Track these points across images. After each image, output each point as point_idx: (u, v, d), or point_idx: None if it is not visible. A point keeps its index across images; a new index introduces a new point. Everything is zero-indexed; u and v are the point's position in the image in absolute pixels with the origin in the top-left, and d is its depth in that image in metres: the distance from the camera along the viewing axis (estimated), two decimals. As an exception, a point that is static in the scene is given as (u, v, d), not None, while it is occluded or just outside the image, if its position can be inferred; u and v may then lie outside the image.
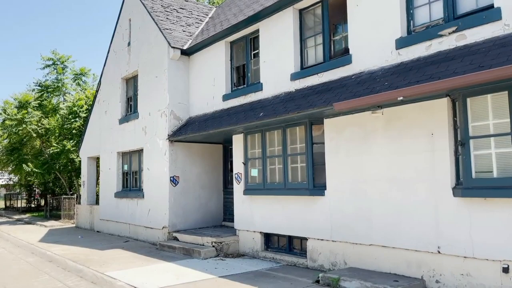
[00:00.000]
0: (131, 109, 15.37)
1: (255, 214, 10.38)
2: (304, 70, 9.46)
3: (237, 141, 11.06)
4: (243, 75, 11.93)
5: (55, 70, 24.33)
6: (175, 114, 12.87)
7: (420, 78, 6.53)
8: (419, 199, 6.96)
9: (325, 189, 8.62)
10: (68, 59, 24.62)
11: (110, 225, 15.91)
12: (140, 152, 14.35)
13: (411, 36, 7.39)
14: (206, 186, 13.33)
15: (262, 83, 10.46)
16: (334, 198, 8.42)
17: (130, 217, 14.48)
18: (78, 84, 24.96)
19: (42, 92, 24.40)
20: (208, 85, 12.40)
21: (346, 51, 8.69)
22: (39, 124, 22.76)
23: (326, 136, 8.64)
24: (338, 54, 8.92)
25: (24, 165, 23.06)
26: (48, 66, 24.36)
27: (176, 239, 12.14)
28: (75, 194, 21.88)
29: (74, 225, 19.87)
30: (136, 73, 14.64)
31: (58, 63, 24.39)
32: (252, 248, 10.46)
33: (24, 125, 22.45)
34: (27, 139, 23.60)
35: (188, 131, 11.88)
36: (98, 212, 16.99)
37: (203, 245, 10.94)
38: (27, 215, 26.62)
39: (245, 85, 11.37)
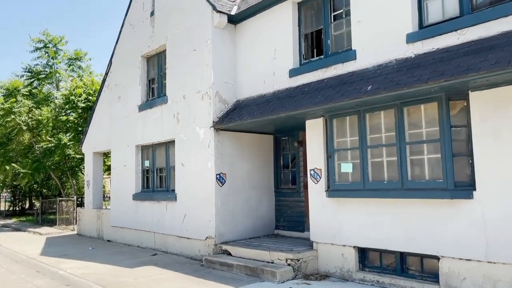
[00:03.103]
0: (153, 92, 12.69)
1: (346, 223, 7.90)
2: (428, 28, 7.02)
3: (314, 128, 8.57)
4: (311, 45, 9.47)
5: (47, 54, 21.25)
6: (221, 96, 10.28)
7: None
8: None
9: (474, 189, 6.22)
10: (61, 40, 21.53)
11: (125, 234, 13.18)
12: (169, 144, 11.69)
13: None
14: (256, 186, 10.78)
15: (355, 50, 7.99)
16: (491, 202, 6.03)
17: (155, 224, 11.80)
18: (73, 70, 21.92)
19: (33, 79, 21.31)
20: (265, 59, 9.85)
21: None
22: (30, 115, 19.72)
23: (475, 116, 6.23)
24: (486, 4, 6.49)
25: (7, 167, 20.02)
26: (39, 49, 21.24)
27: (226, 253, 9.55)
28: (75, 196, 18.95)
29: (74, 232, 17.02)
30: (163, 48, 11.97)
31: (50, 45, 21.31)
32: (341, 267, 7.97)
33: (12, 116, 19.37)
34: (15, 132, 20.51)
35: (243, 116, 9.31)
36: (108, 218, 14.22)
37: (272, 262, 8.39)
38: (14, 219, 23.48)
39: (322, 56, 8.86)
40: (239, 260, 8.83)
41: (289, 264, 8.10)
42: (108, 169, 19.67)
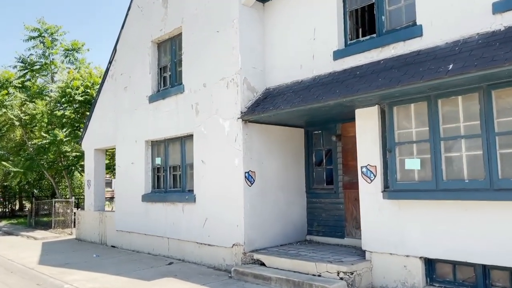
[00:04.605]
0: (165, 82, 11.38)
1: (410, 229, 6.69)
2: (521, -4, 5.81)
3: (367, 118, 7.36)
4: (356, 23, 8.29)
5: (43, 44, 19.73)
6: (249, 83, 9.02)
7: None
8: None
9: None
10: (57, 30, 20.01)
11: (133, 239, 11.83)
12: (185, 139, 10.39)
13: None
14: (286, 186, 9.54)
15: (421, 26, 6.79)
16: None
17: (170, 228, 10.49)
18: (71, 62, 20.42)
19: (26, 71, 19.79)
20: (302, 41, 8.62)
21: None
22: (23, 109, 18.22)
23: None
24: None
25: None
26: (33, 38, 19.71)
27: (258, 262, 8.28)
28: (72, 197, 17.52)
29: (72, 236, 15.59)
30: (178, 31, 10.67)
31: (46, 34, 19.80)
32: (403, 282, 6.76)
33: (4, 110, 17.86)
34: (6, 128, 18.98)
35: (279, 105, 8.05)
36: (112, 221, 12.86)
37: (319, 275, 7.15)
38: (4, 222, 21.91)
39: (374, 35, 7.64)
40: (277, 272, 7.56)
41: (341, 278, 6.86)
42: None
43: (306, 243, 9.45)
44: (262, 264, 8.21)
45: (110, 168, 19.25)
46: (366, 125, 7.36)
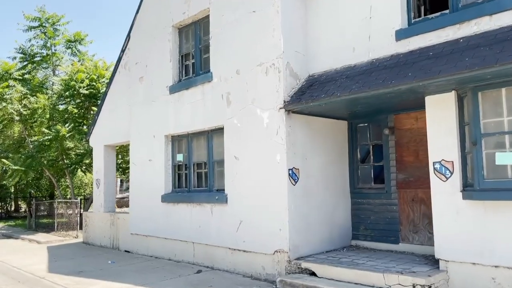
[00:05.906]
0: (187, 70, 10.32)
1: (500, 235, 5.73)
2: None
3: (440, 106, 6.38)
4: (418, 0, 7.29)
5: (44, 34, 18.52)
6: (292, 69, 8.00)
7: None
8: None
9: None
10: (59, 19, 18.83)
11: (151, 243, 10.74)
12: (212, 133, 9.35)
13: None
14: (331, 185, 8.54)
15: (513, -2, 5.78)
16: None
17: (195, 232, 9.43)
18: (73, 54, 19.22)
19: (26, 62, 18.58)
20: (355, 21, 7.63)
21: None
22: (23, 103, 17.03)
23: None
24: None
25: None
26: (34, 28, 18.51)
27: (307, 272, 7.25)
28: (78, 198, 16.37)
29: (78, 239, 14.48)
30: (205, 14, 9.62)
31: (47, 24, 18.61)
32: (491, 296, 5.75)
33: (4, 103, 16.65)
34: (5, 123, 17.77)
35: (334, 92, 7.03)
36: (125, 224, 11.77)
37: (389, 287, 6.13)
38: (1, 224, 20.68)
39: (446, 11, 6.65)
40: (334, 284, 6.55)
41: (418, 292, 5.85)
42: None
43: (353, 248, 8.45)
44: (312, 273, 7.18)
45: (116, 165, 18.11)
46: (440, 114, 6.37)
